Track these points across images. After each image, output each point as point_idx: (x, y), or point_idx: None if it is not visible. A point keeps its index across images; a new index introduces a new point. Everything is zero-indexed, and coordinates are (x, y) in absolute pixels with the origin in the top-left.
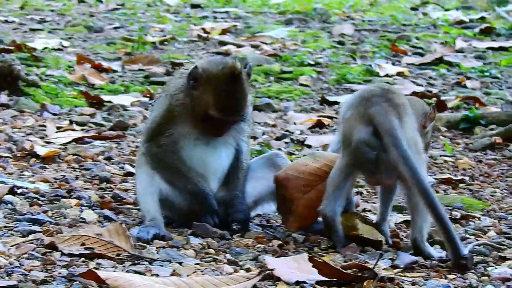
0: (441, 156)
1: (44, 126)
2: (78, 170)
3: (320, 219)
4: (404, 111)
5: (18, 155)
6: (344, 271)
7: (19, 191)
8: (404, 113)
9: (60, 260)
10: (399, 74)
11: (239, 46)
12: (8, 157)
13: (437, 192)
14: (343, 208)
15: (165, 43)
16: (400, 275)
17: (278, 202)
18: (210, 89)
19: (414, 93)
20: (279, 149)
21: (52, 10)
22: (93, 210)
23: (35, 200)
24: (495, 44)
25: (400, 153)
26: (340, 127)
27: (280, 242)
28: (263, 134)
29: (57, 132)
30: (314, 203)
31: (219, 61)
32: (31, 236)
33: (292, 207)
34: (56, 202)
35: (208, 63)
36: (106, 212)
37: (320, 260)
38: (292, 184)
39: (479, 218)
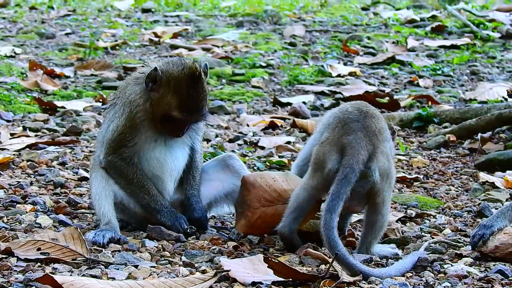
0: (395, 155)
1: None
2: (32, 176)
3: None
4: (380, 139)
5: None
6: (299, 271)
7: None
8: (380, 142)
9: (16, 266)
10: (351, 74)
11: (190, 49)
12: None
13: (392, 191)
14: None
15: (117, 48)
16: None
17: (238, 199)
18: (172, 90)
19: (367, 93)
20: (233, 151)
21: (3, 18)
22: (48, 215)
23: None
24: (447, 43)
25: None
26: (312, 141)
27: (235, 243)
28: (216, 136)
29: (11, 138)
30: (268, 218)
31: (178, 62)
32: None
33: (247, 212)
34: (11, 208)
35: (167, 64)
36: (61, 217)
37: (276, 261)
38: (255, 191)
39: (434, 216)
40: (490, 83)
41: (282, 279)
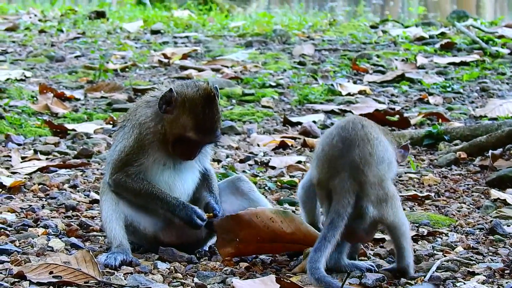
0: (406, 173)
1: (9, 156)
2: (44, 199)
3: None
4: (368, 170)
5: None
6: None
7: None
8: (367, 174)
9: None
10: (361, 92)
11: (200, 70)
12: None
13: (404, 209)
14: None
15: (127, 69)
16: None
17: (223, 224)
18: (187, 111)
19: (377, 111)
20: (244, 171)
21: (13, 41)
22: (60, 238)
23: (2, 230)
24: (456, 59)
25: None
26: (312, 166)
27: (247, 264)
28: (227, 157)
29: (22, 162)
30: (263, 251)
31: (192, 84)
32: None
33: (239, 245)
34: (23, 231)
35: (181, 86)
36: (73, 240)
37: (288, 281)
38: (251, 230)
39: (446, 234)
40: (500, 99)
41: None
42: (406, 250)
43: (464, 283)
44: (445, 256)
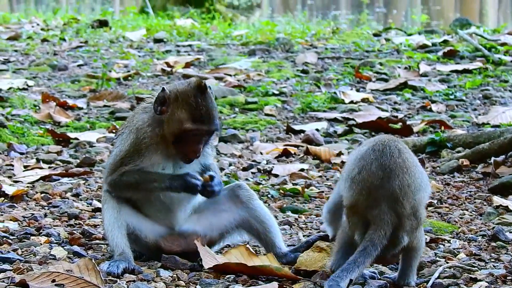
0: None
1: (12, 165)
2: (46, 207)
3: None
4: (406, 203)
5: None
6: None
7: None
8: (406, 207)
9: None
10: (364, 100)
11: (203, 78)
12: None
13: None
14: None
15: (129, 78)
16: None
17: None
18: (181, 104)
19: (380, 119)
20: (247, 179)
21: (16, 50)
22: (62, 246)
23: (4, 238)
24: (459, 67)
25: None
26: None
27: None
28: (230, 165)
29: (24, 170)
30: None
31: (183, 81)
32: (1, 275)
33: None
34: (25, 240)
35: (173, 85)
36: (76, 248)
37: None
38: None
39: (448, 241)
40: (502, 106)
41: None
42: (413, 270)
43: None
44: (447, 262)
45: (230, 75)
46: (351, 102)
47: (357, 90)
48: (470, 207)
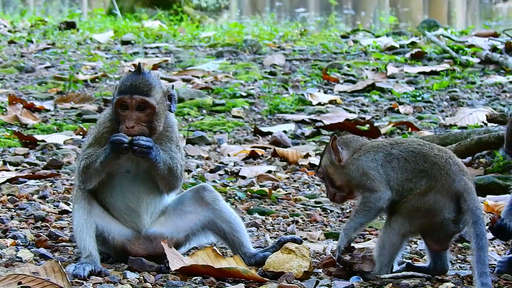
0: None
1: None
2: (13, 210)
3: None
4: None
5: None
6: None
7: None
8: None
9: None
10: (332, 102)
11: (170, 80)
12: None
13: None
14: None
15: (97, 80)
16: None
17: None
18: (116, 86)
19: (347, 121)
20: (214, 181)
21: None
22: (29, 249)
23: None
24: (427, 69)
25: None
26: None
27: None
28: (197, 167)
29: None
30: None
31: None
32: None
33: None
34: None
35: None
36: (42, 250)
37: None
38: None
39: (415, 242)
40: (469, 108)
41: None
42: None
43: None
44: (414, 263)
45: (198, 77)
46: (319, 104)
47: (325, 92)
48: None
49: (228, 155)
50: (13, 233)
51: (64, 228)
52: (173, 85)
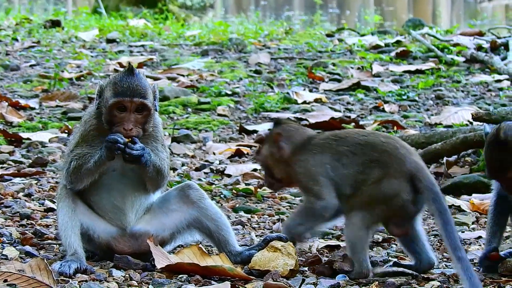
0: None
1: None
2: None
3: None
4: None
5: None
6: None
7: None
8: None
9: None
10: (317, 100)
11: (156, 79)
12: None
13: None
14: None
15: (82, 78)
16: None
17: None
18: (108, 87)
19: (333, 119)
20: (199, 179)
21: None
22: (14, 246)
23: None
24: (412, 67)
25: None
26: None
27: None
28: (183, 165)
29: None
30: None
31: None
32: None
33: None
34: None
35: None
36: (28, 248)
37: None
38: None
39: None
40: (455, 107)
41: None
42: None
43: None
44: (399, 262)
45: (183, 76)
46: (304, 102)
47: (310, 91)
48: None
49: (214, 154)
50: None
51: (50, 226)
52: (155, 84)
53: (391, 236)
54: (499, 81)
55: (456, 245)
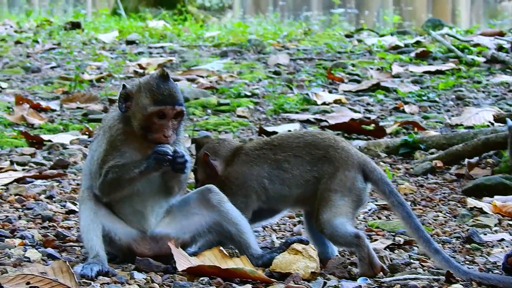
0: None
1: None
2: (20, 209)
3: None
4: None
5: None
6: None
7: None
8: None
9: None
10: (337, 101)
11: (175, 80)
12: None
13: (379, 218)
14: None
15: (102, 80)
16: None
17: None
18: (144, 93)
19: (352, 120)
20: None
21: None
22: (36, 249)
23: None
24: (432, 68)
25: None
26: None
27: None
28: None
29: None
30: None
31: (145, 76)
32: None
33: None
34: None
35: (136, 80)
36: (50, 250)
37: None
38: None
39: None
40: (476, 108)
41: None
42: None
43: None
44: (422, 265)
45: (202, 77)
46: (324, 103)
47: (330, 92)
48: (444, 209)
49: None
50: (21, 233)
51: (71, 228)
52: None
53: (413, 239)
54: None
55: (426, 237)
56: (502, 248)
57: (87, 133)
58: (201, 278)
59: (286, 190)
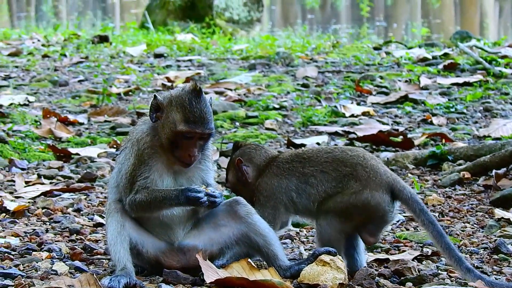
0: None
1: (13, 181)
2: (48, 223)
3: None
4: None
5: None
6: None
7: None
8: None
9: None
10: (365, 113)
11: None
12: None
13: (407, 229)
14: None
15: (130, 93)
16: None
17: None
18: (175, 108)
19: (380, 132)
20: None
21: (16, 66)
22: (64, 262)
23: (6, 254)
24: (460, 80)
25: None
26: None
27: None
28: None
29: (25, 186)
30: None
31: (177, 88)
32: None
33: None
34: (27, 255)
35: (167, 92)
36: (77, 263)
37: None
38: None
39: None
40: (503, 119)
41: None
42: None
43: None
44: (449, 276)
45: (231, 90)
46: (352, 115)
47: (358, 104)
48: (472, 220)
49: None
50: (48, 246)
51: (99, 241)
52: (211, 97)
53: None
54: None
55: (458, 256)
56: None
57: (114, 146)
58: None
59: (311, 205)
